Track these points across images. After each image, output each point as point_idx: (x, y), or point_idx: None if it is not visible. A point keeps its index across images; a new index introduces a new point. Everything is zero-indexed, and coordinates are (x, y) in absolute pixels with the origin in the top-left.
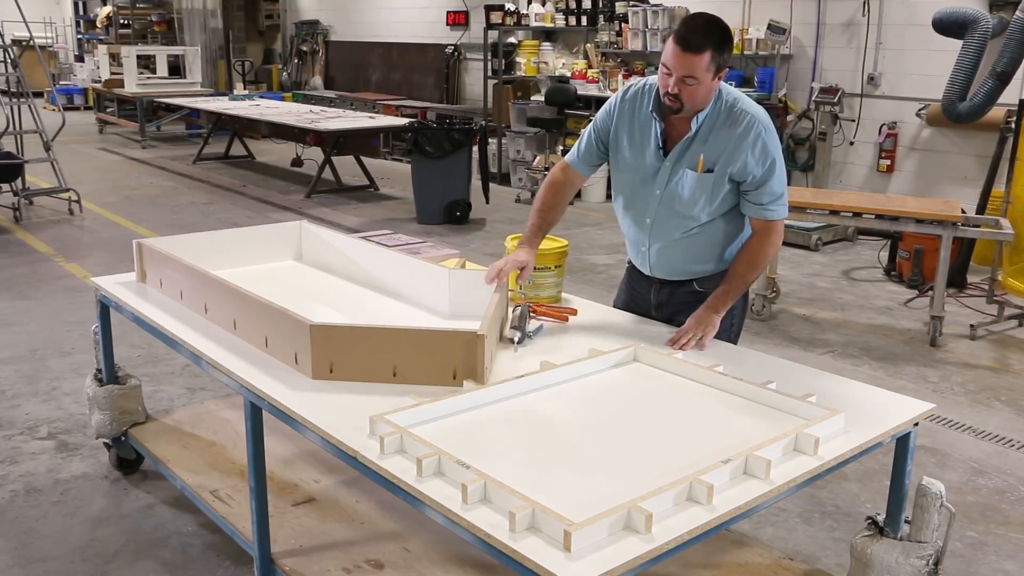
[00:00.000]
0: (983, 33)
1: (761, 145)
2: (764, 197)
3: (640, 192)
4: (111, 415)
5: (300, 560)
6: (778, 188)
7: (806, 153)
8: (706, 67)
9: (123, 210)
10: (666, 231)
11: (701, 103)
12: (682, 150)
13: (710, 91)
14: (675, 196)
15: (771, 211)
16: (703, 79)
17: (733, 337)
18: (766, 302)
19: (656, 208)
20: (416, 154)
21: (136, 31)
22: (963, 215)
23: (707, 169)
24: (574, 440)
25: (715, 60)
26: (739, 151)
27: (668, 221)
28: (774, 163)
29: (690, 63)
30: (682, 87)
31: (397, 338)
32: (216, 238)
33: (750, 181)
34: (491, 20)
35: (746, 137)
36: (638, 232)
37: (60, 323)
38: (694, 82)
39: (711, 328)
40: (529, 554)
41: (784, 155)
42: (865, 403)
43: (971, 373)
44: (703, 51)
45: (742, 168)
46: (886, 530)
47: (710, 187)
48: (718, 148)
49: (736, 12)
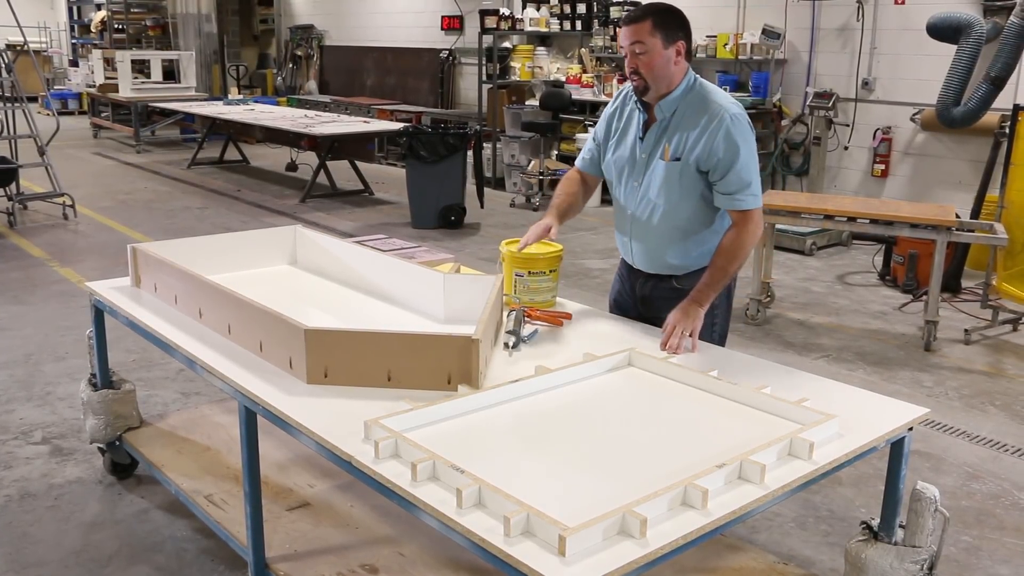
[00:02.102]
0: (977, 38)
1: (725, 132)
2: (731, 186)
3: (626, 184)
4: (105, 420)
5: (295, 565)
6: (746, 177)
7: (801, 158)
8: (650, 32)
9: (117, 215)
10: (644, 222)
11: (660, 76)
12: (653, 139)
13: (668, 63)
14: (650, 186)
15: (740, 200)
16: (651, 45)
17: (717, 338)
18: (760, 307)
19: (637, 199)
20: (411, 159)
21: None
22: (957, 220)
23: (674, 158)
24: (569, 445)
25: (659, 27)
26: (702, 139)
27: (645, 212)
28: (739, 151)
29: (634, 31)
30: (636, 60)
31: (392, 343)
32: (211, 243)
33: (717, 170)
34: (486, 25)
35: (710, 125)
36: (622, 223)
37: (54, 328)
38: (643, 48)
39: (697, 321)
40: (524, 559)
41: (779, 160)
42: (860, 408)
43: (965, 378)
44: (644, 19)
45: (706, 156)
46: (880, 535)
47: (677, 176)
48: (684, 136)
49: (731, 17)
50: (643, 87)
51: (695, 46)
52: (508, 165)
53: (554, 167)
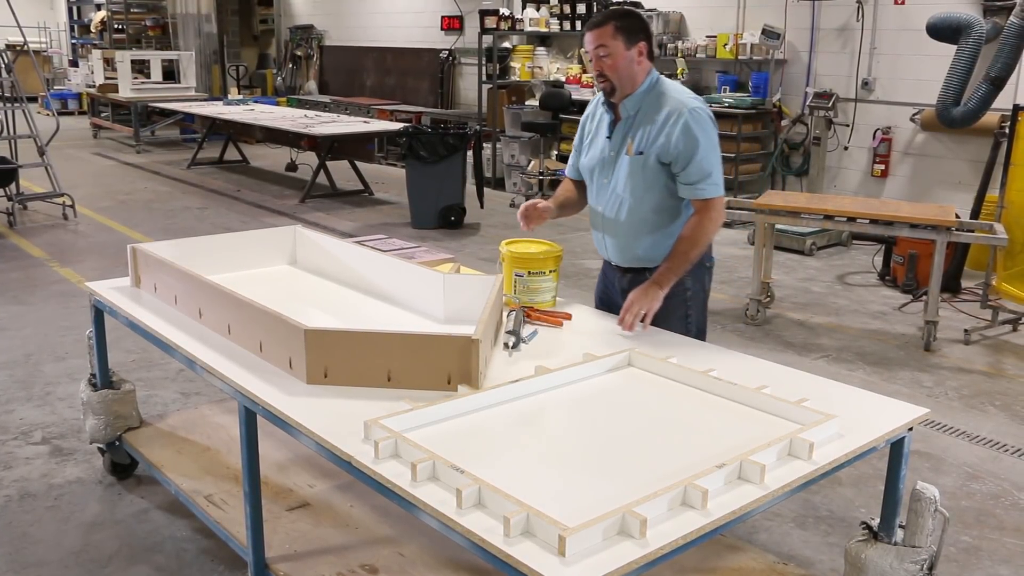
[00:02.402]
0: (977, 38)
1: (684, 126)
2: (693, 176)
3: (597, 182)
4: (105, 420)
5: (294, 565)
6: (707, 167)
7: (800, 158)
8: (612, 35)
9: (117, 215)
10: (614, 217)
11: (625, 77)
12: (619, 137)
13: (631, 63)
14: (618, 181)
15: (702, 190)
16: (614, 48)
17: (694, 331)
18: (760, 307)
19: (607, 195)
20: (411, 159)
21: (130, 36)
22: (957, 220)
23: (637, 152)
24: (569, 445)
25: (621, 31)
26: (663, 132)
27: (614, 207)
28: (698, 143)
29: (597, 36)
30: (601, 63)
31: (392, 343)
32: (210, 243)
33: (678, 162)
34: (485, 25)
35: (670, 119)
36: (596, 220)
37: (54, 328)
38: (607, 51)
39: (655, 302)
40: (524, 559)
41: (779, 160)
42: (859, 408)
43: (965, 378)
44: (606, 24)
45: (666, 148)
46: (880, 535)
47: (641, 169)
48: (646, 131)
49: (731, 17)
50: (610, 88)
51: (695, 46)
52: (508, 165)
53: (554, 167)
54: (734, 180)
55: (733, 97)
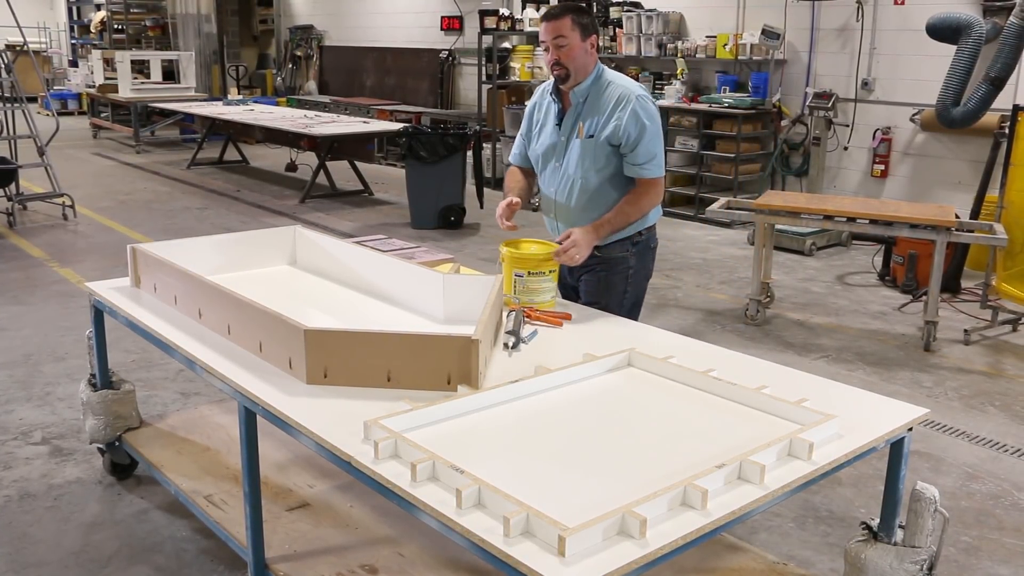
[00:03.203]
0: (977, 38)
1: (633, 111)
2: (639, 158)
3: (550, 168)
4: (105, 420)
5: (294, 565)
6: (652, 150)
7: (800, 158)
8: (570, 27)
9: (117, 215)
10: (566, 200)
11: (579, 65)
12: (570, 122)
13: (585, 53)
14: (569, 163)
15: (646, 170)
16: (571, 37)
17: (628, 305)
18: (760, 307)
19: (559, 180)
20: (410, 159)
21: (130, 36)
22: (957, 220)
23: (588, 135)
24: (568, 445)
25: (577, 24)
26: (613, 116)
27: (566, 189)
28: (645, 127)
29: (555, 26)
30: (559, 51)
31: (391, 343)
32: (210, 243)
33: (627, 144)
34: (485, 25)
35: (619, 104)
36: (548, 206)
37: (54, 328)
38: (565, 41)
39: (585, 249)
40: (523, 559)
41: (778, 160)
42: (859, 408)
43: (965, 378)
44: (564, 16)
45: (616, 131)
46: (880, 535)
47: (592, 151)
48: (595, 115)
49: (730, 17)
50: (565, 75)
51: (695, 46)
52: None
53: None
54: (734, 180)
55: (733, 97)
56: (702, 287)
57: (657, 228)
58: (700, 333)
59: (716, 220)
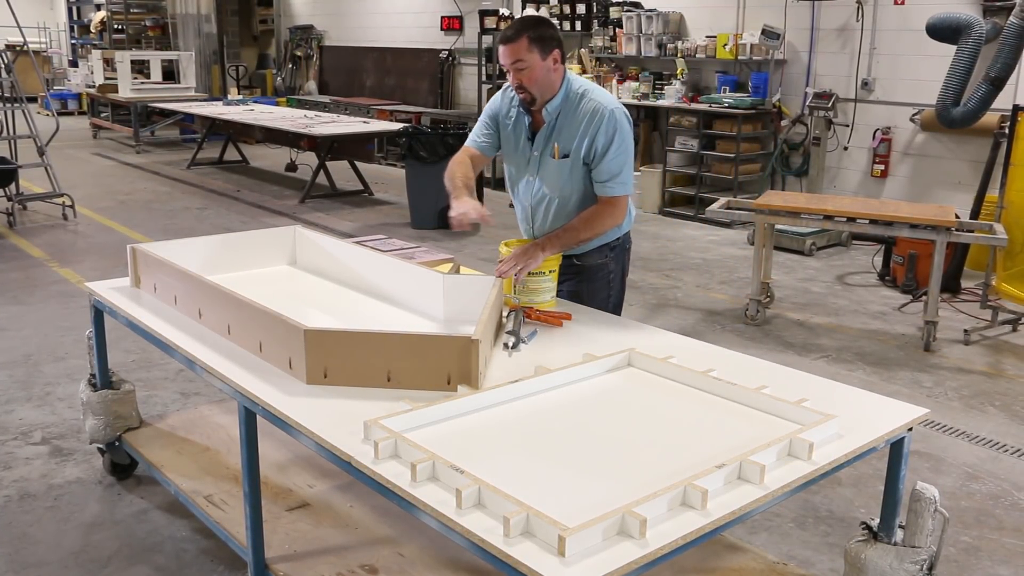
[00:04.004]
0: (977, 38)
1: (604, 127)
2: (603, 175)
3: (522, 179)
4: (105, 420)
5: (294, 565)
6: (616, 168)
7: (800, 158)
8: (527, 48)
9: (117, 215)
10: (543, 212)
11: (544, 86)
12: (543, 140)
13: (548, 72)
14: (544, 181)
15: (609, 188)
16: (530, 60)
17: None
18: (760, 307)
19: (533, 193)
20: (410, 159)
21: (130, 36)
22: (957, 220)
23: (563, 155)
24: (568, 445)
25: (535, 42)
26: (587, 134)
27: (543, 203)
28: (612, 143)
29: (512, 50)
30: (519, 75)
31: (391, 343)
32: (210, 243)
33: (594, 160)
34: (485, 25)
35: (591, 121)
36: (523, 213)
37: (54, 328)
38: (524, 65)
39: (532, 261)
40: (523, 559)
41: (778, 160)
42: (859, 408)
43: (965, 378)
44: (519, 38)
45: (589, 148)
46: (880, 535)
47: (568, 171)
48: (570, 134)
49: (730, 17)
50: (531, 99)
51: (695, 46)
52: None
53: None
54: (734, 180)
55: (733, 97)
56: (702, 287)
57: (657, 228)
58: (700, 333)
59: (716, 220)
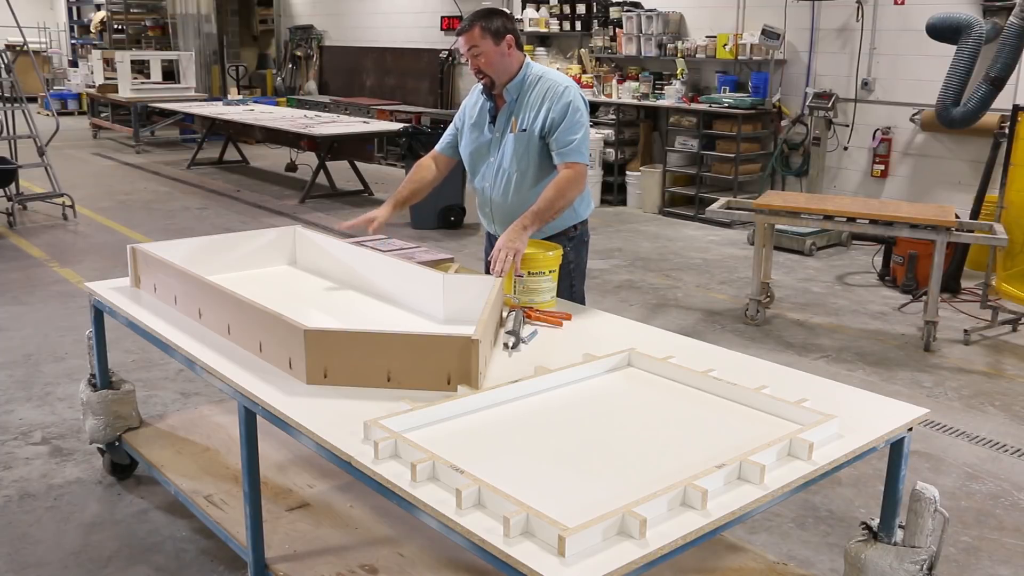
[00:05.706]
0: (977, 38)
1: (560, 101)
2: (561, 142)
3: (483, 163)
4: (105, 420)
5: (294, 565)
6: (572, 136)
7: (800, 158)
8: (480, 36)
9: (117, 215)
10: (503, 192)
11: (500, 70)
12: (504, 119)
13: (503, 57)
14: (503, 158)
15: (566, 154)
16: (484, 45)
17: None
18: (760, 307)
19: (494, 174)
20: (410, 159)
21: (130, 36)
22: (957, 220)
23: (521, 129)
24: (568, 445)
25: (487, 30)
26: (542, 107)
27: (502, 183)
28: (567, 114)
29: (467, 39)
30: (476, 60)
31: (391, 343)
32: (210, 243)
33: (552, 131)
34: None
35: (547, 96)
36: (482, 197)
37: (54, 328)
38: (479, 51)
39: (520, 243)
40: (523, 559)
41: (778, 160)
42: (859, 408)
43: (965, 378)
44: (472, 28)
45: (545, 120)
46: (880, 535)
47: (525, 144)
48: (527, 109)
49: (730, 17)
50: (490, 83)
51: (695, 46)
52: None
53: None
54: (734, 180)
55: (733, 97)
56: (702, 287)
57: (657, 228)
58: (700, 333)
59: (716, 220)
